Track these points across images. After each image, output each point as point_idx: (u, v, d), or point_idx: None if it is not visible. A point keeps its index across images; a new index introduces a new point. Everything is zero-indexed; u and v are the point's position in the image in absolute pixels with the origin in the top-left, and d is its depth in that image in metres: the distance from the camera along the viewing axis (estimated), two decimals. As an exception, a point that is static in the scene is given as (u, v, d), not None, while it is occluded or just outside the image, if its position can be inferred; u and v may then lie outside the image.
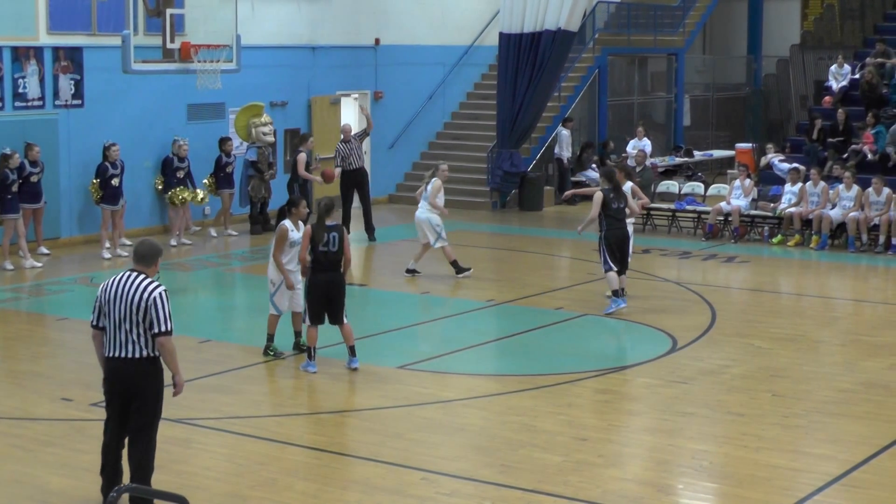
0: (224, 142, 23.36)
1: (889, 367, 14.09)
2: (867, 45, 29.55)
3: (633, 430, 12.00)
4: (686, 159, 30.90)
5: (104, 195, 20.98)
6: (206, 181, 23.12)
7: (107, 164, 21.00)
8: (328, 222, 13.63)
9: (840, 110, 26.29)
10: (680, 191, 25.18)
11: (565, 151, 28.32)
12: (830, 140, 25.79)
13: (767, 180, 25.14)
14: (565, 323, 16.32)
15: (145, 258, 9.29)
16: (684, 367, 14.11)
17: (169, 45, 18.92)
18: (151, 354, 9.18)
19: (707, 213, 23.68)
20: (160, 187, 22.73)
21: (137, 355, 9.13)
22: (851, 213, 22.29)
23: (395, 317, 16.47)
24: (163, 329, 9.08)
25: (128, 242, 21.46)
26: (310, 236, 13.51)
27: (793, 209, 22.79)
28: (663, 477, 10.56)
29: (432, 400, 12.72)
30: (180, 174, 22.38)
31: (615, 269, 16.56)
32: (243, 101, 24.00)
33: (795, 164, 24.66)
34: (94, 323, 9.34)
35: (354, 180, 22.73)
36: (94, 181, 21.13)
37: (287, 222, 13.96)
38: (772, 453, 10.99)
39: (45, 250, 20.82)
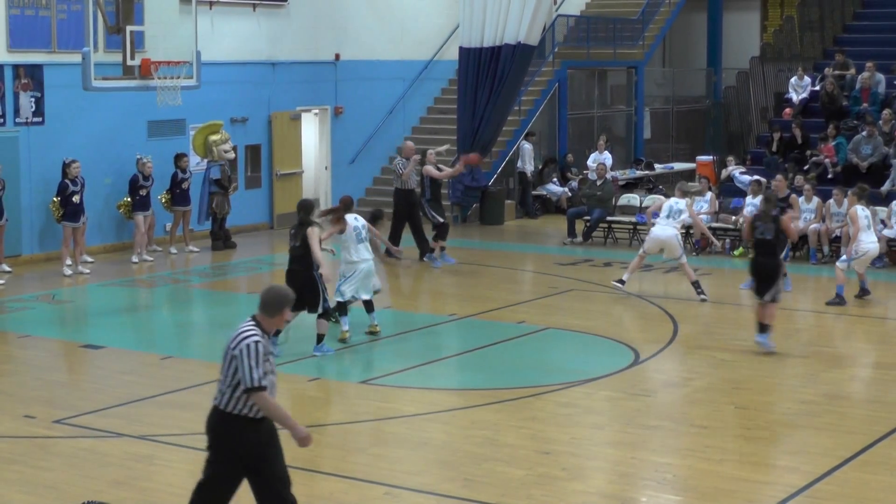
0: (179, 158, 23.24)
1: (851, 379, 14.17)
2: (827, 57, 29.77)
3: (597, 444, 12.00)
4: (647, 172, 31.01)
5: (65, 212, 20.84)
6: (161, 198, 22.99)
7: (67, 181, 20.87)
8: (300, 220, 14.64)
9: (794, 123, 26.44)
10: (641, 204, 25.26)
11: (528, 165, 28.38)
12: (790, 152, 25.94)
13: (729, 193, 25.24)
14: (528, 337, 16.32)
15: (265, 306, 8.30)
16: (647, 379, 14.14)
17: (129, 62, 18.80)
18: (232, 411, 8.21)
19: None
20: (123, 209, 22.52)
21: (221, 405, 8.29)
22: (812, 225, 22.41)
23: (357, 332, 16.44)
24: (247, 384, 8.09)
25: (89, 259, 21.36)
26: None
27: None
28: (626, 490, 10.57)
29: (395, 415, 12.69)
30: (143, 192, 22.25)
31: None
32: (204, 118, 23.91)
33: (756, 177, 24.79)
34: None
35: (409, 200, 22.47)
36: (55, 199, 20.99)
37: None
38: (735, 465, 11.01)
39: (6, 268, 20.64)
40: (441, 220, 21.85)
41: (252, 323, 8.25)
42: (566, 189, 28.38)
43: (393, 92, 29.38)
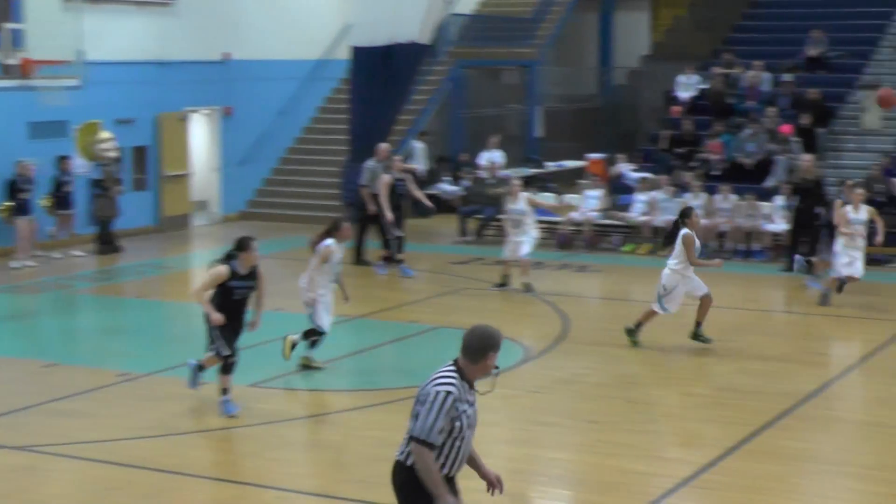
0: (61, 160, 22.78)
1: (739, 372, 14.32)
2: (716, 56, 30.12)
3: (489, 441, 11.94)
4: (539, 170, 31.12)
5: (-60, 217, 20.33)
6: (42, 201, 22.48)
7: (-56, 184, 20.37)
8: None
9: (688, 121, 26.73)
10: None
11: (420, 164, 28.32)
12: (678, 149, 26.20)
13: (619, 190, 25.43)
14: (419, 336, 16.27)
15: (466, 350, 7.08)
16: (539, 376, 14.16)
17: (8, 61, 18.41)
18: (406, 461, 7.11)
19: (559, 223, 23.88)
20: (3, 213, 21.99)
21: (400, 456, 7.20)
22: (700, 221, 22.64)
23: (245, 334, 16.22)
24: (414, 432, 6.94)
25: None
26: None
27: (643, 217, 23.10)
28: (520, 486, 10.53)
29: (286, 417, 12.56)
30: (24, 196, 21.76)
31: None
32: (88, 119, 23.48)
33: (646, 174, 25.03)
34: None
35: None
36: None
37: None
38: (626, 459, 11.08)
39: None
40: (398, 234, 21.36)
41: (451, 368, 7.05)
42: (459, 188, 28.39)
43: (284, 92, 29.15)
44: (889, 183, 23.18)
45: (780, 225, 22.38)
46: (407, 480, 7.06)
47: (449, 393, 6.87)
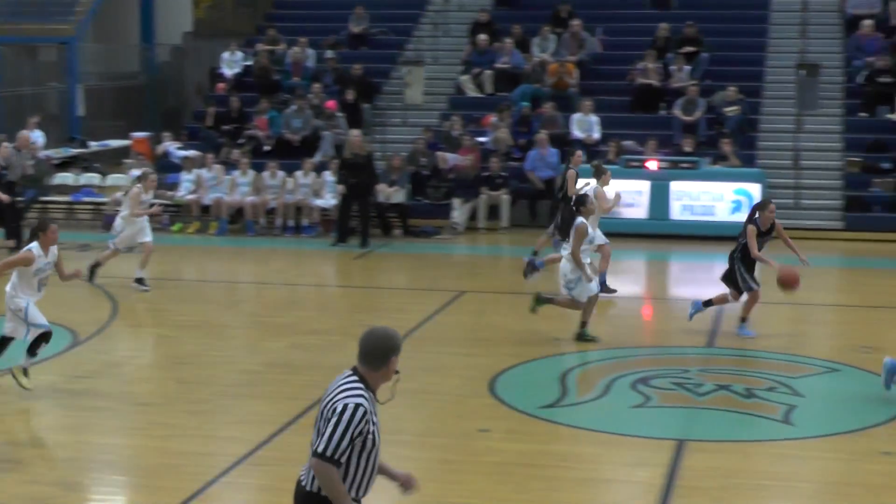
0: None
1: (291, 347, 14.43)
2: (259, 33, 30.20)
3: (39, 430, 11.52)
4: (82, 150, 30.17)
5: None
6: None
7: None
8: None
9: (234, 98, 26.67)
10: (77, 182, 24.58)
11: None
12: (225, 126, 26.12)
13: (166, 168, 25.05)
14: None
15: (368, 356, 6.40)
16: (88, 361, 13.74)
17: None
18: (310, 487, 6.40)
19: (105, 203, 23.28)
20: None
21: (304, 480, 6.47)
22: (248, 198, 22.71)
23: None
24: (320, 449, 6.22)
25: None
26: None
27: (191, 196, 22.89)
28: (72, 475, 10.19)
29: None
30: None
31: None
32: None
33: (192, 151, 24.80)
34: None
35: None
36: None
37: None
38: (180, 440, 10.92)
39: None
40: None
41: (354, 378, 6.37)
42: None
43: None
44: (433, 156, 24.05)
45: (330, 200, 22.75)
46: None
47: (358, 405, 6.22)
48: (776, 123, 25.59)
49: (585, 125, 24.92)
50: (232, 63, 28.64)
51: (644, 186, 22.80)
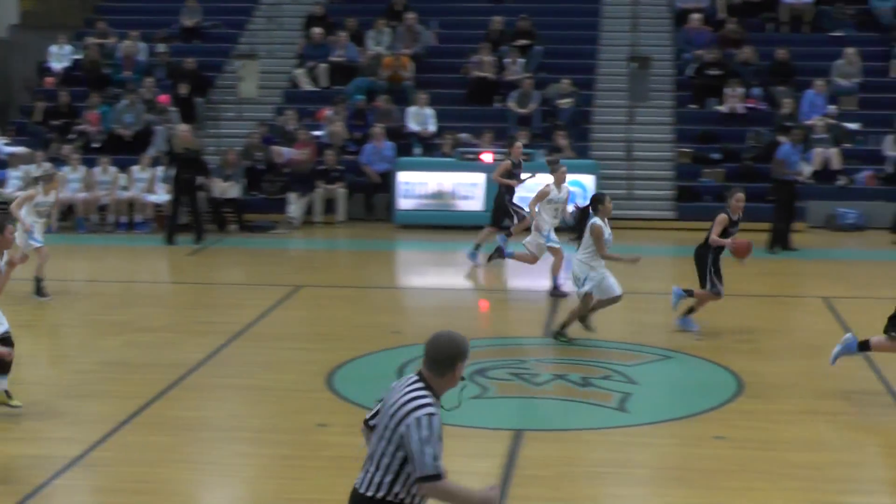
0: None
1: (126, 344, 14.18)
2: (89, 25, 29.59)
3: None
4: None
5: None
6: None
7: None
8: None
9: (63, 92, 26.09)
10: None
11: None
12: (54, 122, 25.55)
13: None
14: None
15: (434, 362, 6.17)
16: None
17: None
18: (386, 497, 6.11)
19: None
20: None
21: (369, 492, 6.13)
22: (79, 195, 22.25)
23: None
24: (419, 474, 6.00)
25: None
26: None
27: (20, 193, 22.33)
28: None
29: None
30: None
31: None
32: None
33: (19, 148, 24.22)
34: (368, 417, 6.47)
35: None
36: None
37: None
38: (11, 444, 10.69)
39: None
40: None
41: (420, 385, 6.15)
42: None
43: None
44: (268, 150, 23.88)
45: (162, 196, 22.42)
46: None
47: (431, 415, 6.02)
48: (609, 115, 26.04)
49: (421, 118, 25.02)
50: (60, 56, 28.02)
51: (480, 179, 22.97)
